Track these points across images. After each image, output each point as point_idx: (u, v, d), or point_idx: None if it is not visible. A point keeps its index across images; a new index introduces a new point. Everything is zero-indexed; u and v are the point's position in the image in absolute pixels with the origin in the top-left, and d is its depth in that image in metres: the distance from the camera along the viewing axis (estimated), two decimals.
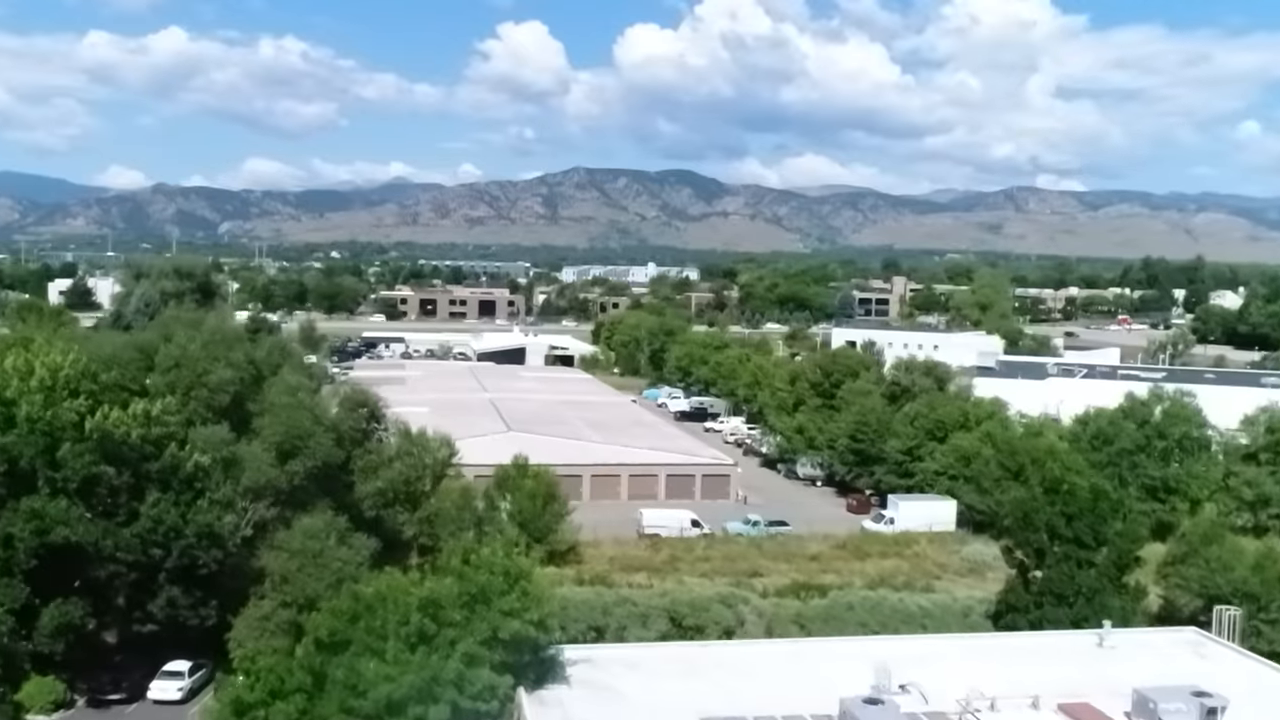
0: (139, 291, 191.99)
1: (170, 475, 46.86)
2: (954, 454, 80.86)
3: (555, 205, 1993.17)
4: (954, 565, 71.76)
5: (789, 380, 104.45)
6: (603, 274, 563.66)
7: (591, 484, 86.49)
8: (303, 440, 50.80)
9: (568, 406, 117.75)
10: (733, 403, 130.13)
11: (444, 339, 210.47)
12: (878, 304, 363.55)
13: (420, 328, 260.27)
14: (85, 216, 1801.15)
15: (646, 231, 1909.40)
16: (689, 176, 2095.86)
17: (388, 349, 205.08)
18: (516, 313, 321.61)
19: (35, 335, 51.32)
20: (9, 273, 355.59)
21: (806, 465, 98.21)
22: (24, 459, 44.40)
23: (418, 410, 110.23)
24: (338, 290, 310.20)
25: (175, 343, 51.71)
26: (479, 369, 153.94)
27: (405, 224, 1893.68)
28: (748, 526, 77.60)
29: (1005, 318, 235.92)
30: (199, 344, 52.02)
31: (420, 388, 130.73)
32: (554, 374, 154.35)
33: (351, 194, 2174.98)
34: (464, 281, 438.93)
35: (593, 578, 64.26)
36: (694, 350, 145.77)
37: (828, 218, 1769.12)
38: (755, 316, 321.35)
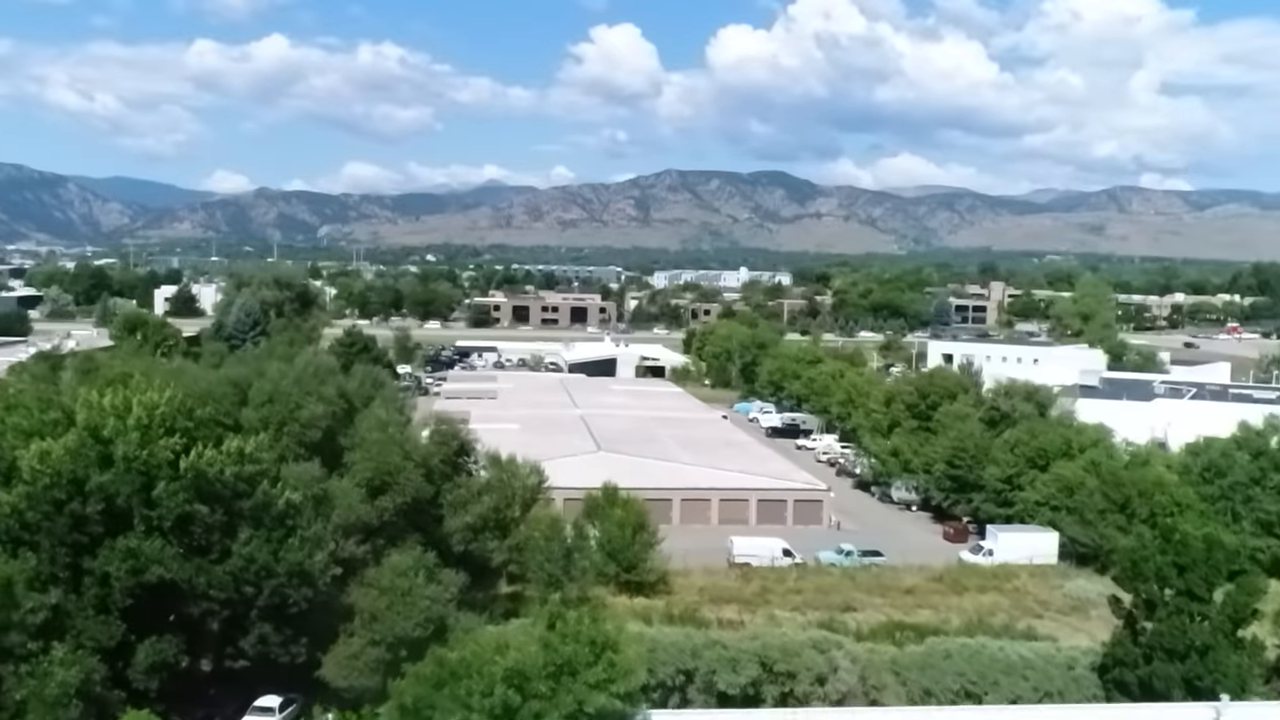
0: (240, 301, 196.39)
1: (262, 513, 47.07)
2: (1056, 484, 78.20)
3: (647, 207, 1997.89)
4: (1056, 602, 69.34)
5: (884, 401, 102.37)
6: (694, 279, 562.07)
7: (681, 508, 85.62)
8: (393, 476, 50.78)
9: (658, 423, 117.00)
10: (826, 420, 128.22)
11: (536, 349, 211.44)
12: (974, 311, 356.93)
13: (512, 335, 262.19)
14: (191, 220, 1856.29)
15: (738, 234, 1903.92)
16: (782, 178, 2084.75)
17: (480, 358, 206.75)
18: (608, 319, 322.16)
19: (134, 370, 51.99)
20: (118, 279, 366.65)
21: (901, 489, 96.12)
22: (120, 497, 44.92)
23: (509, 427, 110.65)
24: (432, 297, 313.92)
25: (268, 377, 52.11)
26: (570, 381, 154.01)
27: (499, 226, 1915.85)
28: (841, 556, 75.97)
29: (1108, 328, 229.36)
30: (292, 378, 52.35)
31: (511, 403, 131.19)
32: (644, 387, 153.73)
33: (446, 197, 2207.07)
34: (556, 287, 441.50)
35: (682, 611, 63.44)
36: (786, 365, 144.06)
37: (923, 219, 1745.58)
38: (849, 324, 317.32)
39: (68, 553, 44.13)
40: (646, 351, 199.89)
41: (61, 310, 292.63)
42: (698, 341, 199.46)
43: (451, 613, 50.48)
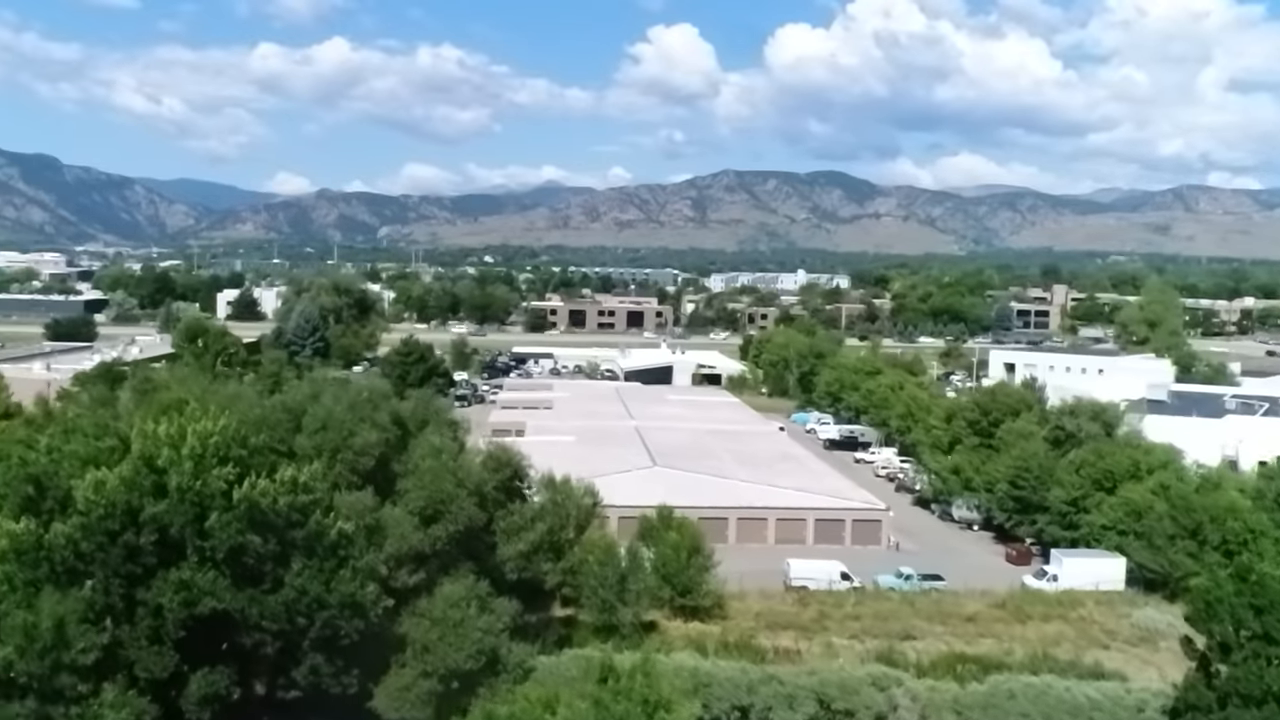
0: (299, 308, 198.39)
1: (315, 543, 46.74)
2: (1123, 507, 76.04)
3: (704, 208, 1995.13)
4: (1123, 632, 67.35)
5: (945, 417, 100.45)
6: (751, 281, 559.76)
7: (738, 527, 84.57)
8: (445, 505, 50.31)
9: (714, 436, 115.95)
10: (885, 433, 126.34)
11: (592, 355, 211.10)
12: (1037, 315, 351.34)
13: (569, 341, 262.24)
14: (254, 222, 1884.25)
15: (796, 234, 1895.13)
16: (840, 178, 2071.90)
17: (537, 365, 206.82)
18: (664, 323, 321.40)
19: (190, 395, 52.01)
20: (182, 283, 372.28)
21: (962, 508, 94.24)
22: (174, 528, 44.80)
23: (564, 439, 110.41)
24: (489, 301, 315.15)
25: (322, 404, 51.91)
26: (625, 390, 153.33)
27: (556, 227, 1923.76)
28: (900, 580, 74.44)
29: (1175, 334, 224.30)
30: (345, 404, 52.12)
31: (567, 412, 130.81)
32: (700, 397, 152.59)
33: (504, 198, 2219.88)
34: (613, 290, 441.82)
35: (738, 638, 62.45)
36: (845, 375, 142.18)
37: (984, 219, 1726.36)
38: (908, 329, 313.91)
39: (121, 584, 44.07)
40: (703, 359, 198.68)
41: (127, 314, 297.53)
42: (754, 349, 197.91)
43: (504, 643, 49.96)
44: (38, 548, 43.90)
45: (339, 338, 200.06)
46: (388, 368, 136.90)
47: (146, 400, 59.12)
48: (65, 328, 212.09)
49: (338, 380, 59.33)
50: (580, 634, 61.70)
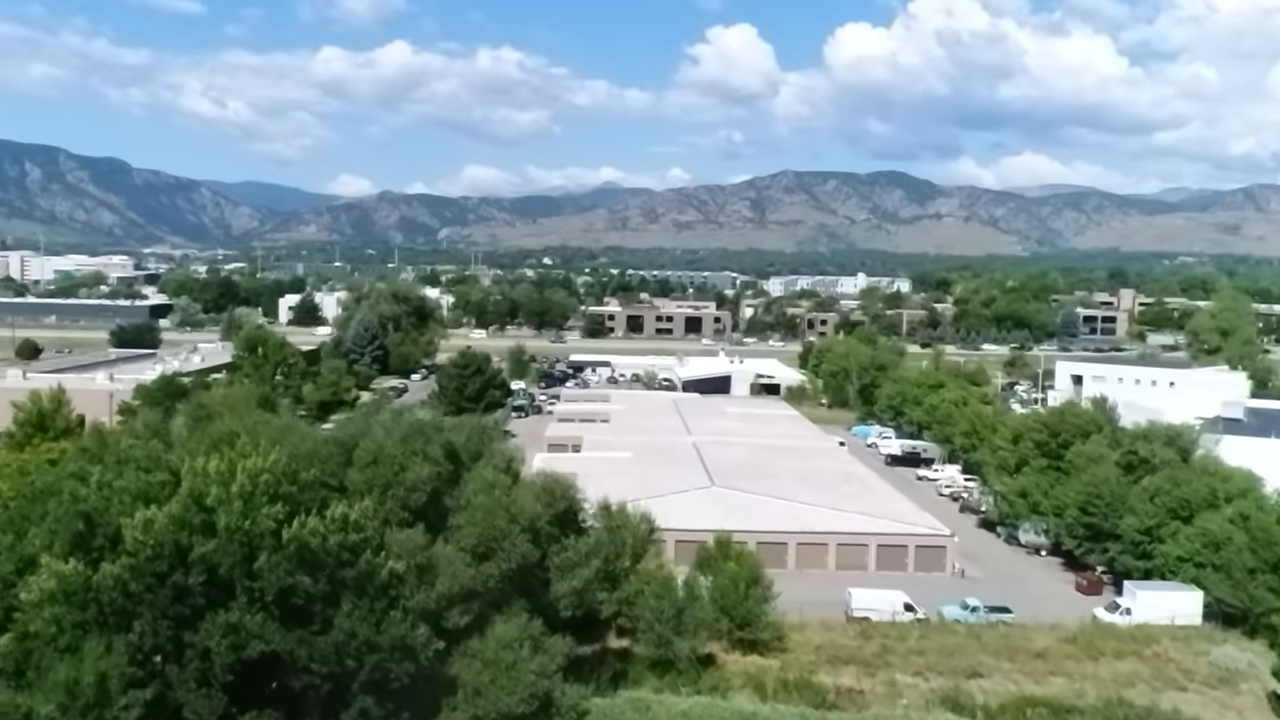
0: (358, 317, 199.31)
1: (365, 582, 45.79)
2: (1200, 538, 73.08)
3: (763, 209, 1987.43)
4: (1201, 671, 64.54)
5: (1012, 438, 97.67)
6: (810, 285, 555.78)
7: (797, 552, 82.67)
8: (498, 542, 49.20)
9: (773, 452, 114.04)
10: (948, 450, 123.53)
11: (649, 364, 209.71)
12: (1103, 321, 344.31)
13: (626, 348, 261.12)
14: (317, 224, 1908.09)
15: (856, 235, 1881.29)
16: (900, 178, 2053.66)
17: (594, 373, 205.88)
18: (723, 329, 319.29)
19: (241, 428, 51.39)
20: (245, 287, 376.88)
21: (1030, 532, 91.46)
22: (223, 568, 44.10)
23: (621, 455, 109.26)
24: (547, 306, 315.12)
25: (373, 437, 51.02)
26: (683, 402, 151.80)
27: (614, 229, 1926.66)
28: (966, 612, 72.10)
29: (1249, 344, 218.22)
30: (398, 437, 51.19)
31: (623, 426, 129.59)
32: (759, 409, 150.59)
33: (563, 199, 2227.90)
34: (671, 294, 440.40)
35: (798, 676, 60.74)
36: (907, 389, 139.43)
37: (1048, 219, 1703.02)
38: (970, 336, 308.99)
39: (170, 625, 43.41)
40: (761, 368, 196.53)
41: (191, 319, 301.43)
42: (814, 359, 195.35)
43: (557, 685, 48.76)
44: (86, 589, 43.44)
45: (398, 346, 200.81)
46: (445, 379, 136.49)
47: (200, 428, 58.70)
48: (130, 334, 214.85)
49: (391, 411, 58.37)
50: (636, 669, 60.34)
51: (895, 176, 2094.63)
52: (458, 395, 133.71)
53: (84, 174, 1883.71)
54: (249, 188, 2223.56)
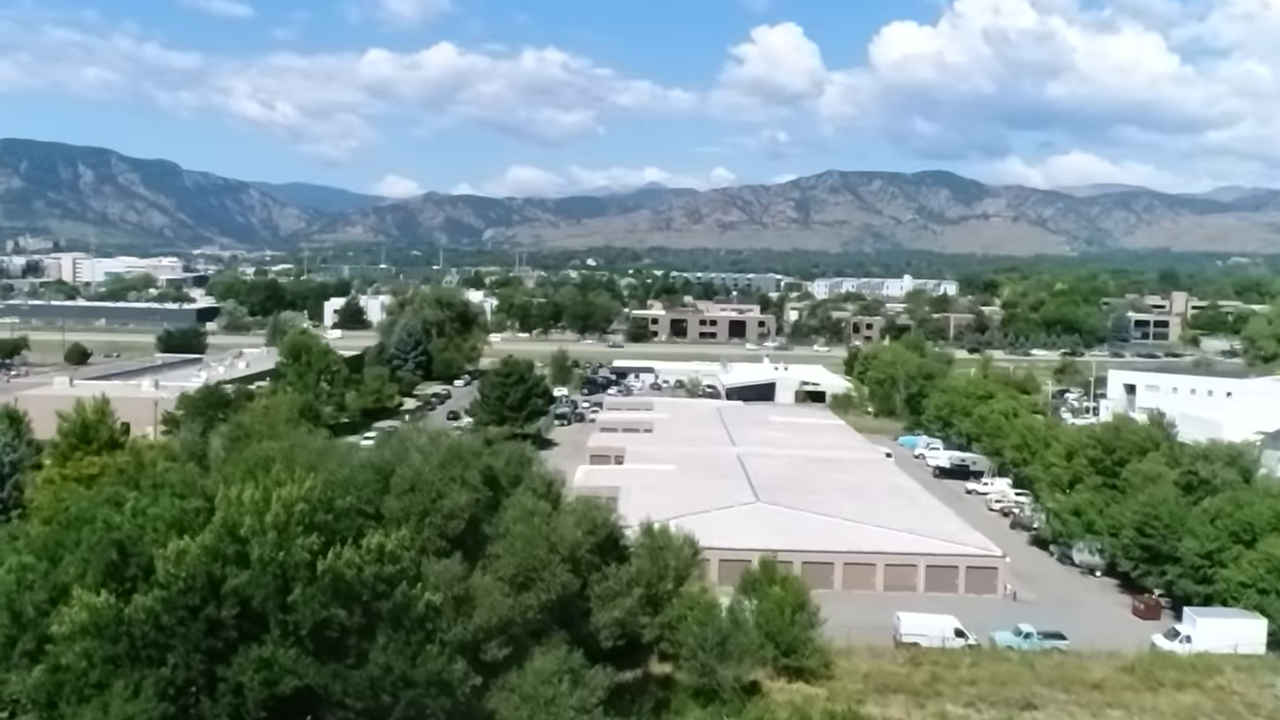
0: (402, 322, 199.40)
1: (401, 615, 44.69)
2: (1265, 563, 70.49)
3: (808, 209, 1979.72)
4: (1266, 705, 62.03)
5: (1065, 454, 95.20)
6: (856, 288, 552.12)
7: (844, 573, 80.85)
8: (538, 572, 47.92)
9: (818, 464, 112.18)
10: (998, 462, 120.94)
11: (693, 370, 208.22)
12: (1155, 326, 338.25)
13: (670, 353, 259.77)
14: (363, 225, 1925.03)
15: (901, 235, 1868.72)
16: (947, 178, 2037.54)
17: (637, 380, 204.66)
18: (767, 333, 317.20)
19: (277, 452, 50.50)
20: (291, 290, 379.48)
21: (1084, 551, 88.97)
22: (256, 600, 43.20)
23: (664, 468, 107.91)
24: (591, 309, 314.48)
25: (410, 463, 49.97)
26: (727, 411, 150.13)
27: (658, 229, 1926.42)
28: (1019, 639, 69.97)
29: None
30: (436, 462, 50.10)
31: (667, 436, 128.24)
32: (804, 418, 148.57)
33: (607, 200, 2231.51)
34: (715, 297, 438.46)
35: (845, 704, 58.98)
36: (955, 399, 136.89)
37: (1097, 219, 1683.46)
38: (1019, 340, 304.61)
39: (202, 659, 42.58)
40: (806, 375, 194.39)
41: (237, 323, 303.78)
42: (860, 365, 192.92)
43: (598, 719, 47.44)
44: (118, 622, 42.69)
45: (441, 351, 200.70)
46: (487, 388, 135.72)
47: (237, 447, 58.03)
48: (177, 339, 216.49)
49: (429, 433, 57.32)
50: (679, 697, 58.87)
51: (942, 176, 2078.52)
52: (500, 404, 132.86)
53: (135, 176, 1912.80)
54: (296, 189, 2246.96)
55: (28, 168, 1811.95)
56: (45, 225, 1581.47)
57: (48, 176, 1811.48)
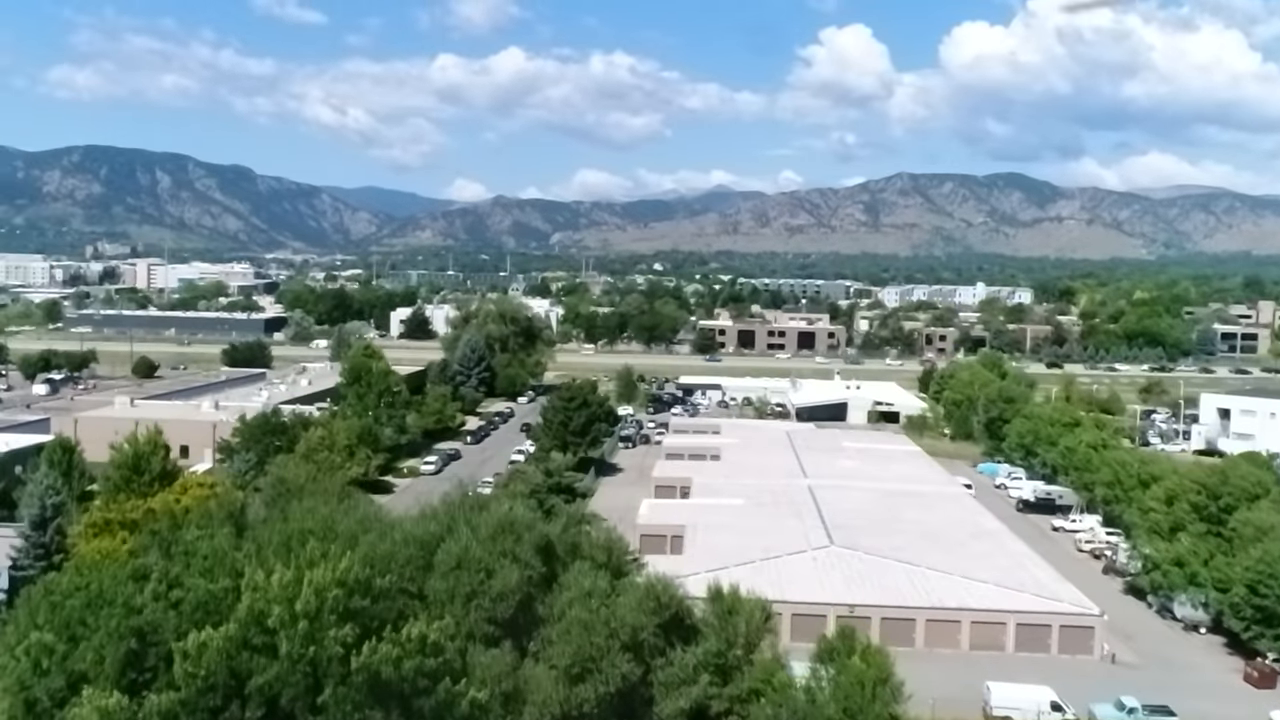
0: (465, 338, 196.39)
1: (444, 714, 40.46)
2: None
3: (877, 212, 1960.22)
4: None
5: (1165, 499, 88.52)
6: (927, 295, 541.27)
7: (926, 630, 75.16)
8: (596, 661, 43.42)
9: (896, 500, 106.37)
10: (1087, 498, 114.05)
11: (761, 386, 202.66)
12: (1243, 339, 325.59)
13: (738, 367, 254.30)
14: (432, 229, 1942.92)
15: (973, 238, 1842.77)
16: (1019, 180, 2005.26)
17: (704, 397, 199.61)
18: (837, 345, 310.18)
19: (315, 523, 46.51)
20: (359, 298, 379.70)
21: (1186, 605, 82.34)
22: (284, 699, 39.18)
23: (732, 503, 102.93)
24: (657, 320, 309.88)
25: (457, 538, 45.71)
26: (797, 435, 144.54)
27: (726, 233, 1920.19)
28: (1122, 714, 63.94)
29: None
30: (485, 534, 45.79)
31: (735, 465, 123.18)
32: (879, 444, 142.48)
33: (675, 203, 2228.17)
34: (783, 306, 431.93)
35: None
36: (1039, 427, 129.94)
37: (1175, 221, 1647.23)
38: (1099, 354, 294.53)
39: None
40: (879, 392, 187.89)
41: (304, 333, 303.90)
42: (936, 384, 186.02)
43: None
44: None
45: (504, 367, 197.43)
46: (550, 412, 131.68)
47: (277, 507, 54.23)
48: (241, 352, 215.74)
49: (477, 501, 53.08)
50: None
51: (1014, 178, 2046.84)
52: (562, 430, 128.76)
53: (211, 181, 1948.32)
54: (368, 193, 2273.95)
55: (108, 174, 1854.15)
56: (124, 230, 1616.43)
57: (127, 182, 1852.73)
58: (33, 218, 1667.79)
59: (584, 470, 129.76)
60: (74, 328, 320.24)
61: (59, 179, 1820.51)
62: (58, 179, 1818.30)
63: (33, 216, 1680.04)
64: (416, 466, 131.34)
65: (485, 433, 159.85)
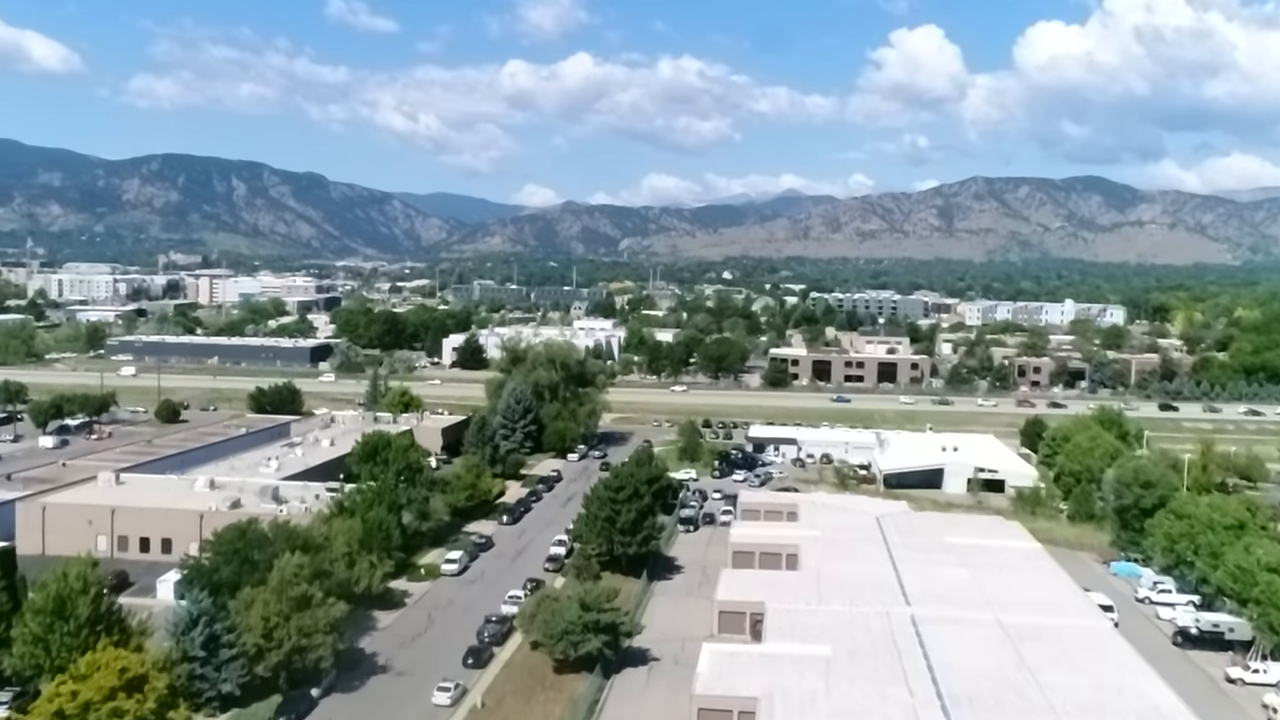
0: (510, 387, 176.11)
1: None
2: None
3: (951, 217, 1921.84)
4: None
5: None
6: (1011, 313, 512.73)
7: None
8: None
9: (1025, 646, 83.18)
10: (1274, 640, 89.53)
11: (842, 441, 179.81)
12: None
13: (813, 408, 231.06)
14: (501, 235, 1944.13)
15: (1050, 243, 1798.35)
16: (1098, 183, 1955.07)
17: (778, 454, 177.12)
18: (920, 377, 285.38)
19: None
20: (413, 321, 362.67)
21: None
22: None
23: (817, 652, 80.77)
24: (725, 351, 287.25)
25: None
26: (890, 525, 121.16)
27: (796, 238, 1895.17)
28: None
29: None
30: None
31: (818, 577, 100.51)
32: (988, 538, 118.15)
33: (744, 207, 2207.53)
34: (859, 327, 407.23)
35: None
36: (1195, 531, 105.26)
37: (1261, 225, 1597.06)
38: (1214, 390, 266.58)
39: None
40: (978, 452, 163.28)
41: (350, 363, 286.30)
42: (1045, 446, 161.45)
43: None
44: None
45: (553, 419, 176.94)
46: (595, 504, 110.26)
47: None
48: (269, 398, 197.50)
49: None
50: None
51: (1093, 181, 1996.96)
52: (608, 526, 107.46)
53: (285, 189, 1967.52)
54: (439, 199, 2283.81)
55: (185, 182, 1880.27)
56: (200, 237, 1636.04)
57: (203, 190, 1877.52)
58: (112, 225, 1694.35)
59: (634, 570, 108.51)
60: (114, 355, 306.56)
61: (138, 187, 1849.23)
62: (136, 187, 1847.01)
63: (112, 224, 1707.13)
64: (437, 566, 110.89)
65: (526, 506, 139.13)
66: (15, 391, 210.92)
